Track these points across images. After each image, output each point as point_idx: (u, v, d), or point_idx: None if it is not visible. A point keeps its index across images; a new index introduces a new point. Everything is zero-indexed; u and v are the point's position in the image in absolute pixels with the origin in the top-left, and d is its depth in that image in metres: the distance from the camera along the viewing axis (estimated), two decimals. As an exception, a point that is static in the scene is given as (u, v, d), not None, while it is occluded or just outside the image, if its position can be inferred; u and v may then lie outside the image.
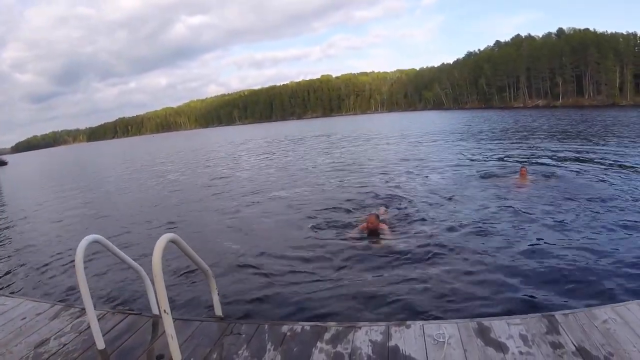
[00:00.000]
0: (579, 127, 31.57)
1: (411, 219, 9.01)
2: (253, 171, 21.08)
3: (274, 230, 9.35)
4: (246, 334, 3.89)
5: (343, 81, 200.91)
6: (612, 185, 10.82)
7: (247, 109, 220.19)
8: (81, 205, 16.07)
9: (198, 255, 3.83)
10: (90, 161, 52.19)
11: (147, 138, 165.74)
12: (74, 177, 30.27)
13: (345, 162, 20.78)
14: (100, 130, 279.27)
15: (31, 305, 5.03)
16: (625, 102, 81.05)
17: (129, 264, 4.28)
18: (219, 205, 12.88)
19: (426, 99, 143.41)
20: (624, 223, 7.63)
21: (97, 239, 3.75)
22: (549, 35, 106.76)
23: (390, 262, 6.68)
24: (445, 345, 3.37)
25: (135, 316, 4.49)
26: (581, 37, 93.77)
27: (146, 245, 8.25)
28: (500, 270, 6.08)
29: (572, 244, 6.87)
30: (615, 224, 7.66)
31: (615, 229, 7.38)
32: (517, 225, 8.09)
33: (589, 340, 3.23)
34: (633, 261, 5.94)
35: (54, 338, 4.14)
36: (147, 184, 20.92)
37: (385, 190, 12.36)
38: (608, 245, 6.68)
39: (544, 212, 8.80)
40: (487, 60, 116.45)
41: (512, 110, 78.92)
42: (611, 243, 6.78)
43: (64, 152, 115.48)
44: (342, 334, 3.73)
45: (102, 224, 11.95)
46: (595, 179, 11.63)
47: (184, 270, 6.89)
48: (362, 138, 37.60)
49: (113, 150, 76.04)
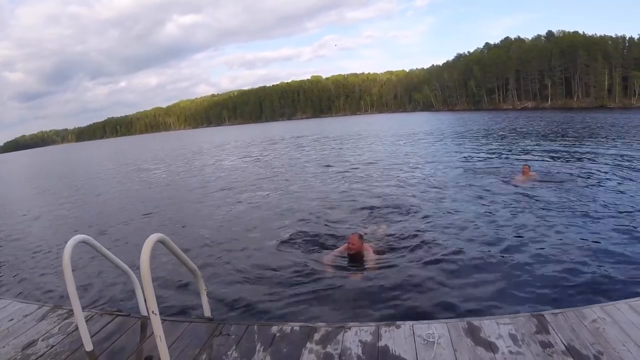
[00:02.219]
0: (577, 128, 31.91)
1: (406, 227, 8.91)
2: (243, 171, 21.03)
3: (263, 231, 9.30)
4: (235, 335, 3.86)
5: (333, 82, 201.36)
6: (611, 186, 10.90)
7: (237, 109, 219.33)
8: (69, 205, 15.94)
9: (186, 256, 3.80)
10: (79, 162, 51.84)
11: (136, 138, 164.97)
12: (61, 177, 30.07)
13: (344, 164, 20.79)
14: (89, 131, 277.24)
15: (18, 306, 4.97)
16: (614, 104, 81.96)
17: (117, 264, 4.24)
18: (209, 205, 12.85)
19: (416, 101, 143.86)
20: (616, 224, 7.68)
21: (84, 240, 3.72)
22: (539, 38, 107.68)
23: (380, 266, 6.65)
24: (435, 345, 3.36)
25: (123, 317, 4.44)
26: (570, 39, 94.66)
27: (134, 246, 8.21)
28: (489, 269, 6.11)
29: (563, 243, 6.92)
30: (607, 224, 7.71)
31: (607, 230, 7.42)
32: (510, 225, 8.16)
33: (578, 340, 3.24)
34: (622, 261, 5.99)
35: (42, 339, 4.09)
36: (135, 184, 20.81)
37: (386, 195, 12.31)
38: (598, 245, 6.73)
39: (539, 211, 8.90)
40: (476, 62, 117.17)
41: (501, 112, 79.51)
42: (602, 243, 6.82)
43: (53, 152, 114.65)
44: (331, 334, 3.71)
45: (90, 224, 11.87)
46: (596, 180, 11.69)
47: (172, 271, 6.83)
48: (366, 139, 37.60)
49: (101, 152, 75.39)
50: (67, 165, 46.38)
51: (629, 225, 7.56)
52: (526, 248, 6.83)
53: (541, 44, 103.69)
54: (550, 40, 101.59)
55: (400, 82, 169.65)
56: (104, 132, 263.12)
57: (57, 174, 34.27)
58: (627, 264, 5.87)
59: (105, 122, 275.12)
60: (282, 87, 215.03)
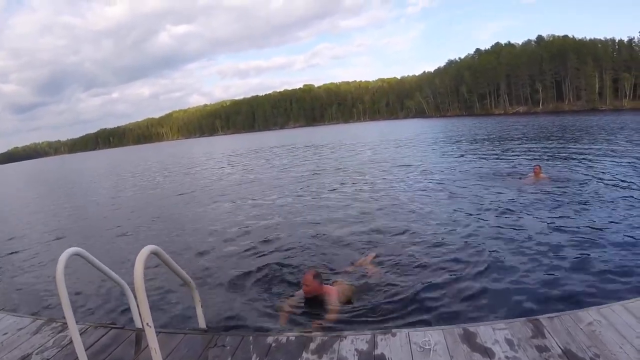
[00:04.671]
0: (574, 130, 32.20)
1: (400, 230, 8.92)
2: (237, 182, 21.01)
3: (259, 243, 9.25)
4: (231, 346, 3.84)
5: (325, 90, 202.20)
6: (620, 189, 10.70)
7: (229, 119, 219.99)
8: (62, 217, 15.86)
9: (180, 268, 3.78)
10: (73, 173, 51.66)
11: (129, 149, 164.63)
12: (54, 189, 29.94)
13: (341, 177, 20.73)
14: (81, 142, 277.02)
15: (12, 320, 4.94)
16: (605, 106, 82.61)
17: (111, 276, 4.21)
18: (204, 217, 12.82)
19: (408, 108, 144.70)
20: (615, 227, 7.69)
21: (77, 252, 3.68)
22: (529, 43, 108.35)
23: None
24: (431, 352, 3.36)
25: (118, 330, 4.42)
26: (560, 43, 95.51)
27: (128, 258, 8.16)
28: (483, 274, 6.09)
29: (559, 246, 6.91)
30: (605, 226, 7.72)
31: (605, 232, 7.43)
32: (508, 227, 8.21)
33: (574, 343, 3.24)
34: (617, 263, 6.00)
35: (36, 353, 4.06)
36: (128, 195, 20.76)
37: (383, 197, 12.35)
38: (593, 248, 6.72)
39: (541, 214, 8.95)
40: (467, 68, 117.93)
41: (494, 117, 79.78)
42: (596, 245, 6.83)
43: (46, 164, 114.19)
44: (327, 343, 3.70)
45: (83, 236, 11.82)
46: (610, 184, 11.42)
47: (167, 283, 6.79)
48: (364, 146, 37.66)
49: (94, 163, 75.15)
50: (60, 176, 46.22)
51: (626, 228, 7.55)
52: (521, 251, 6.83)
53: (531, 48, 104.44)
54: (541, 45, 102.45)
55: (392, 89, 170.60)
56: (96, 143, 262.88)
57: (50, 185, 34.15)
58: (621, 266, 5.87)
59: (97, 133, 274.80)
60: (275, 96, 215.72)
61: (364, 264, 6.88)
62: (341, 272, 6.68)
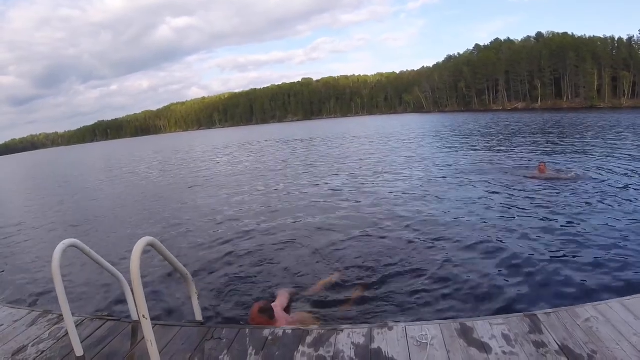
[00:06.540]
0: (579, 128, 32.04)
1: (398, 228, 8.93)
2: (233, 174, 20.96)
3: (254, 234, 9.26)
4: (227, 339, 3.82)
5: (323, 84, 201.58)
6: (625, 187, 10.64)
7: (228, 112, 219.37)
8: (58, 209, 15.84)
9: (177, 259, 3.77)
10: (69, 165, 51.55)
11: (127, 141, 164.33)
12: (50, 181, 29.87)
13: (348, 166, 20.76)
14: (79, 134, 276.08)
15: (8, 311, 4.92)
16: (604, 104, 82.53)
17: (107, 268, 4.20)
18: (198, 208, 12.81)
19: (406, 102, 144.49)
20: (613, 223, 7.70)
21: (74, 244, 3.67)
22: (528, 39, 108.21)
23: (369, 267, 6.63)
24: (428, 346, 3.34)
25: (114, 322, 4.40)
26: (560, 40, 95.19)
27: (124, 249, 8.15)
28: (481, 269, 6.10)
29: (557, 242, 6.95)
30: (605, 224, 7.72)
31: (605, 229, 7.43)
32: (506, 223, 8.23)
33: (572, 339, 3.23)
34: (615, 259, 6.00)
35: (32, 345, 4.04)
36: (125, 186, 20.72)
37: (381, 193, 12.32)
38: (590, 244, 6.74)
39: (542, 210, 8.95)
40: (466, 64, 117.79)
41: (492, 113, 79.79)
42: (595, 242, 6.84)
43: (43, 156, 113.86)
44: (324, 337, 3.69)
45: (79, 227, 11.81)
46: (616, 181, 11.35)
47: (163, 275, 6.79)
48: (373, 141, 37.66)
49: (91, 156, 74.97)
50: (56, 168, 46.12)
51: (625, 226, 7.54)
52: (519, 247, 6.83)
53: (531, 45, 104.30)
54: (540, 42, 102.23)
55: (390, 83, 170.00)
56: (94, 135, 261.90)
57: (45, 178, 34.09)
58: (619, 262, 5.88)
59: (95, 125, 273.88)
60: (273, 90, 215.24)
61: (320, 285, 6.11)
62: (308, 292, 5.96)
